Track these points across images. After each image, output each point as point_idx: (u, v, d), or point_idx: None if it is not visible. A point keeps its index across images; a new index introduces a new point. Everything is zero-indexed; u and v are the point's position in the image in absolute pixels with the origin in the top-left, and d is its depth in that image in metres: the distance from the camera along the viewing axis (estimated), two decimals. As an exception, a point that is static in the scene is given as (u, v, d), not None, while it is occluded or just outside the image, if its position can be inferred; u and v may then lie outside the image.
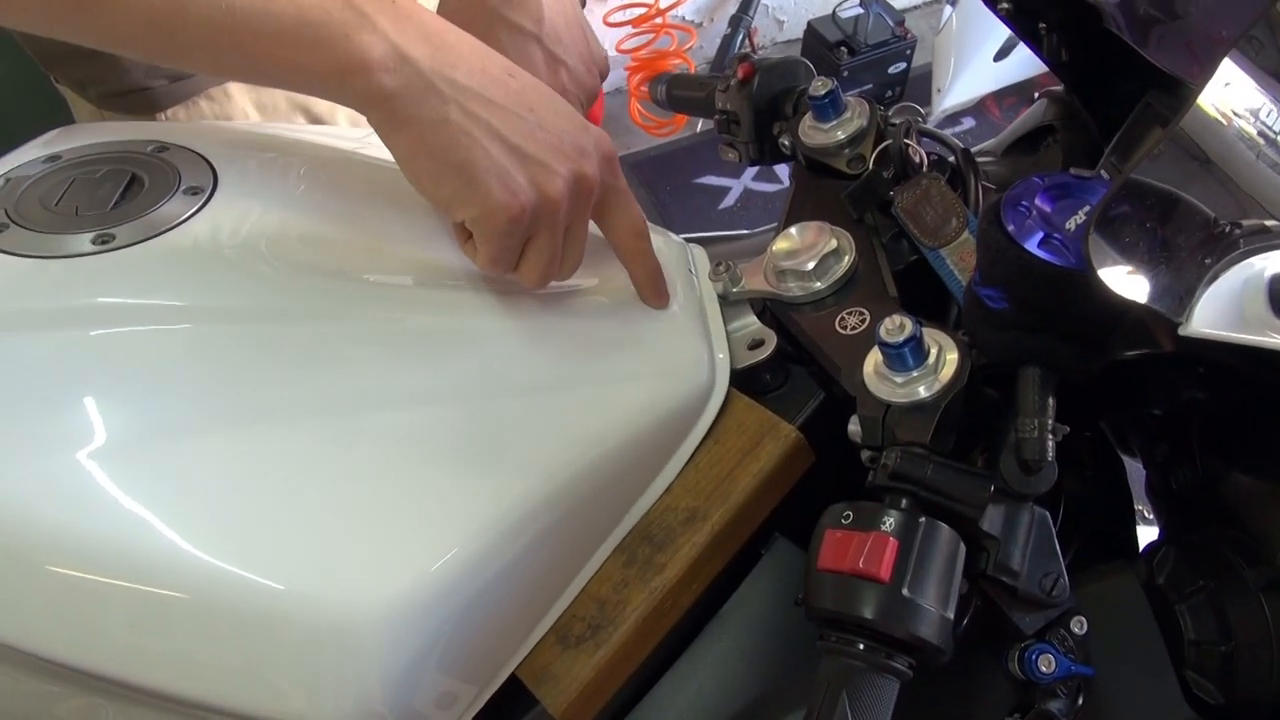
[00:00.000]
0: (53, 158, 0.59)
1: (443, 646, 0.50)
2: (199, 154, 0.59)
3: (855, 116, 0.69)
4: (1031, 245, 0.45)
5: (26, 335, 0.48)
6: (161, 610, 0.45)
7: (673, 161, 2.54)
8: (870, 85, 2.63)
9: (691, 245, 0.73)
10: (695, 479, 0.58)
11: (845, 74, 2.55)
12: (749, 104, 0.76)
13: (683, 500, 0.58)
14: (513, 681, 0.55)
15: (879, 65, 2.59)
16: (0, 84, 1.86)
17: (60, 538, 0.44)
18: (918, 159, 0.63)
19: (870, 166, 0.65)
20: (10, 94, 1.88)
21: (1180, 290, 0.41)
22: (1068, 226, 0.46)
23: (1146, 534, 0.70)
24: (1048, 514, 0.50)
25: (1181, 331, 0.41)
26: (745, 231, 0.97)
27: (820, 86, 0.68)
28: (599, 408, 0.56)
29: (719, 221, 2.37)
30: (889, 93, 2.69)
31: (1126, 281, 0.40)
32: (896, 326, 0.50)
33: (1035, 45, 0.71)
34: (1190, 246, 0.41)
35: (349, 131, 0.91)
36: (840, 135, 0.68)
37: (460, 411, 0.53)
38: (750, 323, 0.65)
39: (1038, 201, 0.46)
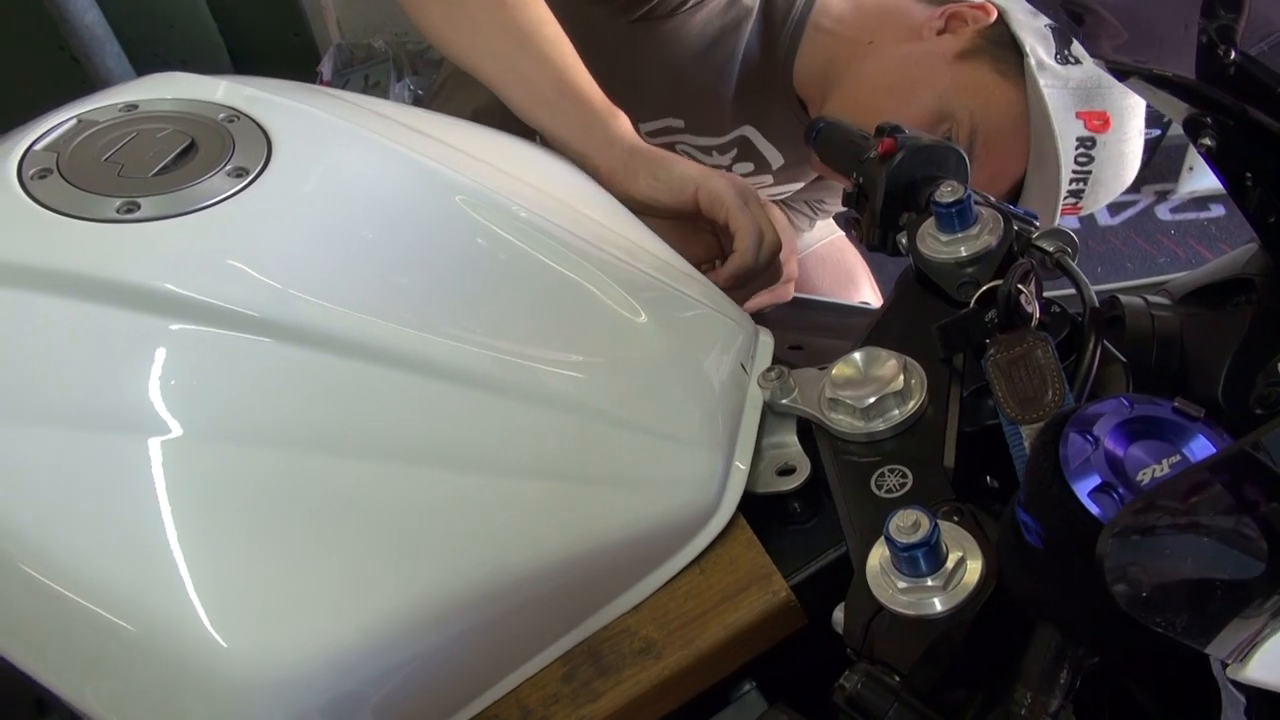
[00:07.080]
0: (130, 106, 0.58)
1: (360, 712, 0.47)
2: (264, 131, 0.57)
3: (984, 233, 0.59)
4: (1082, 489, 0.36)
5: (25, 295, 0.48)
6: (98, 635, 0.43)
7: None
8: (1114, 145, 2.38)
9: (762, 330, 0.65)
10: (666, 607, 0.52)
11: (1088, 128, 2.31)
12: (882, 183, 0.67)
13: (645, 627, 0.51)
14: None
15: (1130, 126, 2.34)
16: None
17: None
18: (1030, 309, 0.52)
19: (974, 302, 0.55)
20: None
21: (1244, 628, 0.30)
22: (1139, 478, 0.36)
23: None
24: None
25: (1231, 675, 0.31)
26: (859, 305, 0.87)
27: (948, 192, 0.58)
28: (579, 510, 0.50)
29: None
30: (1135, 157, 2.42)
31: (1159, 596, 0.30)
32: (910, 525, 0.42)
33: (1240, 198, 0.57)
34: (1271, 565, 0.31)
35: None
36: (961, 252, 0.59)
37: (436, 479, 0.49)
38: (788, 443, 0.57)
39: (1108, 438, 0.36)
